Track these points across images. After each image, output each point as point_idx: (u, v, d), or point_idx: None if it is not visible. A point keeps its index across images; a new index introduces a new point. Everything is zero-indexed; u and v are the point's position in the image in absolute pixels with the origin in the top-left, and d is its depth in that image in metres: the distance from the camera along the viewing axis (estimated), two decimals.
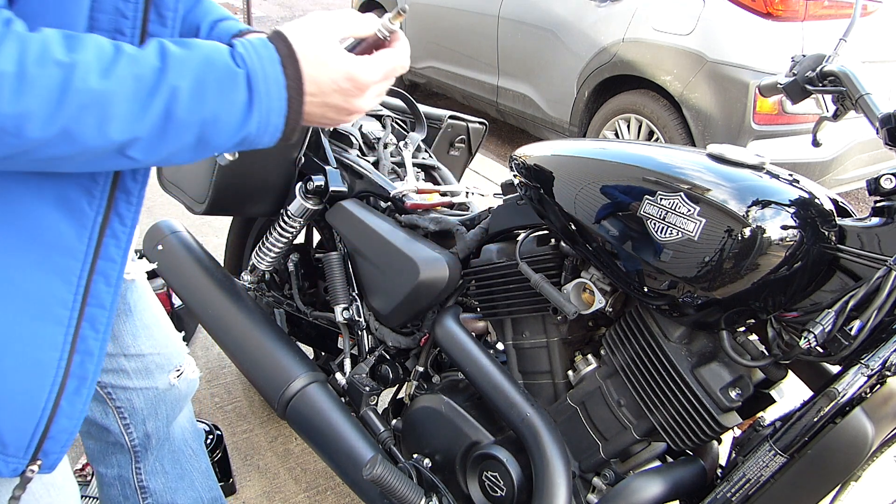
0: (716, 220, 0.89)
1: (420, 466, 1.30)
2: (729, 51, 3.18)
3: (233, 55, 0.63)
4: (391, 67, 0.72)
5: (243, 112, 0.63)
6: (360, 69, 0.68)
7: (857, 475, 0.88)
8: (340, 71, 0.67)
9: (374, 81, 0.70)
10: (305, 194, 1.53)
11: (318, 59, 0.67)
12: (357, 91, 0.69)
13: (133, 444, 1.17)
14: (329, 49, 0.67)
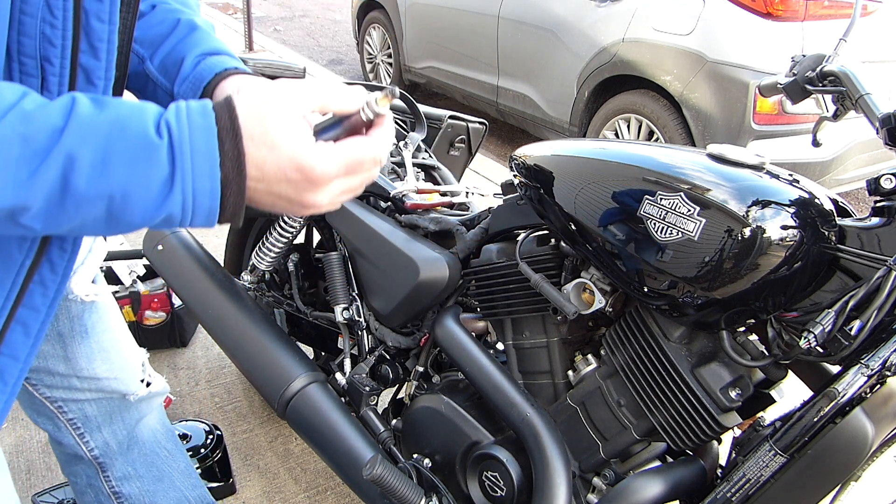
0: (716, 220, 0.89)
1: (420, 466, 1.30)
2: (729, 51, 3.19)
3: (157, 122, 0.53)
4: (356, 160, 0.59)
5: (162, 189, 0.53)
6: (312, 159, 0.56)
7: (857, 475, 0.88)
8: (288, 157, 0.56)
9: (331, 176, 0.57)
10: None
11: (266, 139, 0.55)
12: (308, 185, 0.57)
13: (93, 453, 1.15)
14: (283, 127, 0.56)
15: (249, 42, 6.08)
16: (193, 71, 0.79)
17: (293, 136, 0.56)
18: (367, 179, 0.63)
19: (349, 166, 0.59)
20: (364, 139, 0.60)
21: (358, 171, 0.60)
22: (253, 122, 0.55)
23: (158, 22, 0.83)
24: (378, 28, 5.63)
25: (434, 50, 4.95)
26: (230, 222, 0.58)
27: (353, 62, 6.75)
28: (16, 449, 1.87)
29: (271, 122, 0.55)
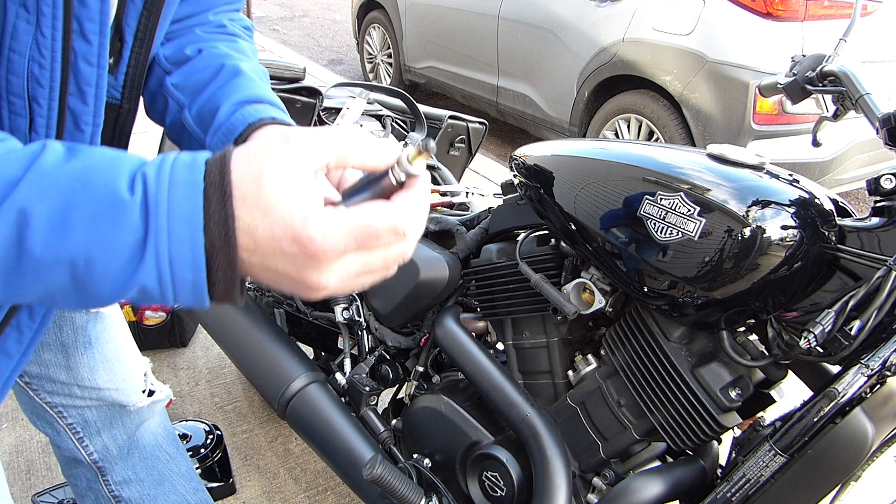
0: (716, 220, 0.89)
1: (420, 466, 1.30)
2: (729, 51, 3.19)
3: (133, 175, 0.44)
4: (367, 231, 0.45)
5: (131, 257, 0.44)
6: (312, 228, 0.44)
7: (857, 475, 0.88)
8: (283, 225, 0.44)
9: (336, 251, 0.45)
10: None
11: (260, 201, 0.44)
12: (309, 261, 0.45)
13: (92, 458, 1.14)
14: (281, 187, 0.44)
15: None
16: (228, 120, 0.70)
17: (292, 199, 0.44)
18: (394, 259, 0.49)
19: (359, 239, 0.45)
20: (380, 205, 0.47)
21: (372, 245, 0.46)
22: (248, 180, 0.44)
23: (202, 68, 0.76)
24: (378, 28, 5.63)
25: (434, 50, 4.95)
26: (227, 301, 0.47)
27: (353, 62, 6.75)
28: (16, 449, 1.87)
29: (268, 179, 0.44)
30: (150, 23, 0.67)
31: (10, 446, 1.87)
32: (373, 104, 1.83)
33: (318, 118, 1.61)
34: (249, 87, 0.73)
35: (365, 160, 0.49)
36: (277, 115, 0.70)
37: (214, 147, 0.71)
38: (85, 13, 0.56)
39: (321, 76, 5.59)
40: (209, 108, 0.72)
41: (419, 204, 0.49)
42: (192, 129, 0.75)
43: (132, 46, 0.68)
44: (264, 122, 0.68)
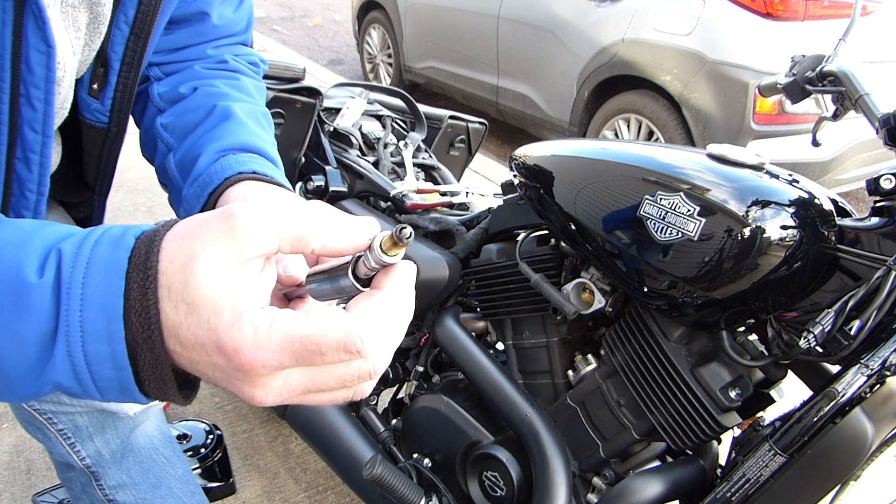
0: (716, 220, 0.89)
1: (420, 466, 1.30)
2: (729, 51, 3.19)
3: (48, 252, 0.37)
4: (309, 346, 0.36)
5: (41, 351, 0.37)
6: (239, 337, 0.36)
7: (856, 475, 0.88)
8: (208, 329, 0.36)
9: (269, 367, 0.36)
10: (306, 194, 1.53)
11: (185, 294, 0.36)
12: (238, 374, 0.37)
13: (84, 462, 1.12)
14: (212, 280, 0.36)
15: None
16: (206, 171, 0.63)
17: (220, 296, 0.36)
18: (353, 379, 0.39)
19: (298, 355, 0.36)
20: (329, 315, 0.37)
21: (316, 362, 0.37)
22: (175, 266, 0.36)
23: (194, 108, 0.71)
24: (378, 28, 5.63)
25: (434, 50, 4.95)
26: (168, 400, 0.40)
27: (353, 62, 6.75)
28: (16, 449, 1.87)
29: (197, 267, 0.36)
30: (139, 47, 0.66)
31: (10, 446, 1.87)
32: (373, 104, 1.83)
33: (319, 118, 1.61)
34: (237, 132, 0.67)
35: (328, 242, 0.38)
36: (260, 169, 0.63)
37: (190, 200, 0.64)
38: (31, 79, 0.55)
39: (321, 76, 5.59)
40: (191, 155, 0.66)
41: (386, 313, 0.38)
42: (174, 177, 0.69)
43: (119, 71, 0.67)
44: (243, 177, 0.61)
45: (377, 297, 0.39)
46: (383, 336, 0.39)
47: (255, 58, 0.84)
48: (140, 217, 2.96)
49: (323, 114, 1.68)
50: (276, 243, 0.37)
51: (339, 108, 1.70)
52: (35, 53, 0.54)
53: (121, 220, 2.78)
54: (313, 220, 0.38)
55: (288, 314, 0.37)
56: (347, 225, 0.39)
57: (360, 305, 0.38)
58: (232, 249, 0.36)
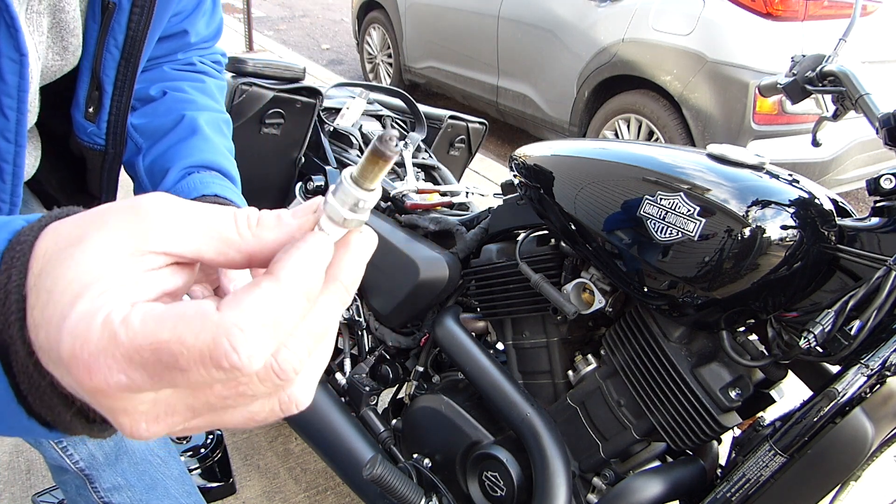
0: (716, 220, 0.89)
1: (420, 466, 1.30)
2: (729, 51, 3.19)
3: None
4: (167, 359, 0.26)
5: None
6: (79, 339, 0.27)
7: (857, 475, 0.88)
8: (55, 327, 0.28)
9: (113, 384, 0.27)
10: (305, 194, 1.53)
11: (49, 280, 0.29)
12: (85, 392, 0.28)
13: (78, 465, 1.11)
14: (86, 263, 0.28)
15: (249, 42, 6.09)
16: (173, 187, 0.68)
17: (86, 281, 0.28)
18: (241, 399, 0.29)
19: (151, 368, 0.27)
20: (194, 309, 0.27)
21: (175, 379, 0.27)
22: (59, 246, 0.29)
23: (163, 113, 0.76)
24: (378, 28, 5.63)
25: (434, 50, 4.95)
26: (71, 432, 0.32)
27: (353, 62, 6.75)
28: (16, 449, 1.87)
29: (78, 249, 0.29)
30: (129, 71, 0.67)
31: (10, 446, 1.87)
32: (373, 104, 1.83)
33: (319, 118, 1.61)
34: (202, 149, 0.71)
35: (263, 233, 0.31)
36: (221, 192, 0.67)
37: None
38: (3, 88, 0.55)
39: (321, 76, 5.59)
40: (160, 167, 0.71)
41: (281, 310, 0.27)
42: (143, 181, 0.74)
43: (112, 95, 0.68)
44: (206, 200, 0.64)
45: (264, 287, 0.28)
46: (276, 343, 0.28)
47: (218, 55, 0.88)
48: None
49: (323, 114, 1.68)
50: (193, 244, 0.30)
51: (339, 108, 1.70)
52: (7, 62, 0.54)
53: None
54: (226, 225, 0.31)
55: (150, 309, 0.27)
56: (286, 212, 0.32)
57: (236, 298, 0.27)
58: (131, 235, 0.29)
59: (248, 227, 0.31)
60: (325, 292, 0.30)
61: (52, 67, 0.64)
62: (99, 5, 0.63)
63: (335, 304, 0.30)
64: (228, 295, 0.28)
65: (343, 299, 0.31)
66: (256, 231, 0.31)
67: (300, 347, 0.29)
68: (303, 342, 0.29)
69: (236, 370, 0.26)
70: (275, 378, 0.28)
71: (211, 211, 0.31)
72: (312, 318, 0.29)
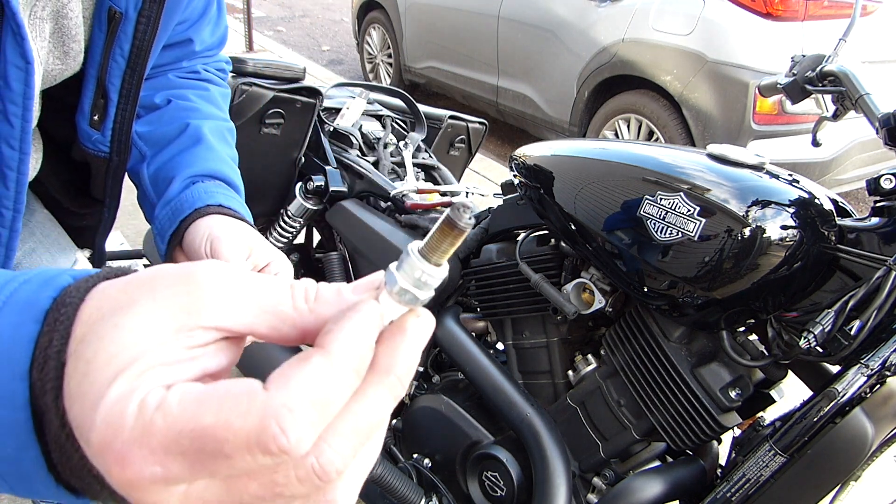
0: (716, 220, 0.89)
1: (420, 466, 1.30)
2: (729, 51, 3.19)
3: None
4: (211, 447, 0.24)
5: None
6: (113, 425, 0.25)
7: (857, 475, 0.88)
8: (88, 406, 0.26)
9: (148, 476, 0.25)
10: (305, 194, 1.53)
11: (89, 349, 0.26)
12: (114, 478, 0.26)
13: None
14: (129, 335, 0.26)
15: (249, 42, 6.09)
16: (177, 197, 0.69)
17: (127, 357, 0.26)
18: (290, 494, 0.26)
19: (192, 457, 0.25)
20: (238, 391, 0.25)
21: (218, 468, 0.25)
22: (103, 312, 0.27)
23: (168, 121, 0.76)
24: (378, 28, 5.63)
25: (434, 50, 4.95)
26: (89, 496, 0.29)
27: (353, 62, 6.75)
28: None
29: (124, 318, 0.27)
30: (135, 80, 0.68)
31: None
32: (373, 104, 1.83)
33: (319, 118, 1.61)
34: (206, 158, 0.72)
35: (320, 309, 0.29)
36: (225, 202, 0.68)
37: (162, 222, 0.69)
38: (8, 95, 0.55)
39: (321, 76, 5.59)
40: (164, 176, 0.71)
41: (333, 389, 0.26)
42: (147, 189, 0.74)
43: (117, 104, 0.68)
44: (210, 209, 0.66)
45: (314, 362, 0.26)
46: (324, 423, 0.25)
47: (222, 62, 0.89)
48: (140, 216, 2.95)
49: (323, 114, 1.68)
50: (245, 319, 0.28)
51: (339, 108, 1.70)
52: (13, 69, 0.54)
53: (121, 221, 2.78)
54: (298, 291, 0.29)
55: (189, 390, 0.25)
56: (346, 287, 0.29)
57: (284, 375, 0.25)
58: (181, 308, 0.27)
59: (306, 302, 0.29)
60: (375, 384, 0.27)
61: (53, 72, 0.64)
62: (105, 14, 0.63)
63: (386, 399, 0.28)
64: (275, 371, 0.26)
65: (396, 394, 0.28)
66: (314, 306, 0.29)
67: (344, 445, 0.26)
68: (348, 440, 0.26)
69: (285, 454, 0.24)
70: (315, 479, 0.25)
71: (266, 284, 0.29)
72: (360, 413, 0.27)
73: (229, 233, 0.64)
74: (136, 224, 2.79)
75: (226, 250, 0.61)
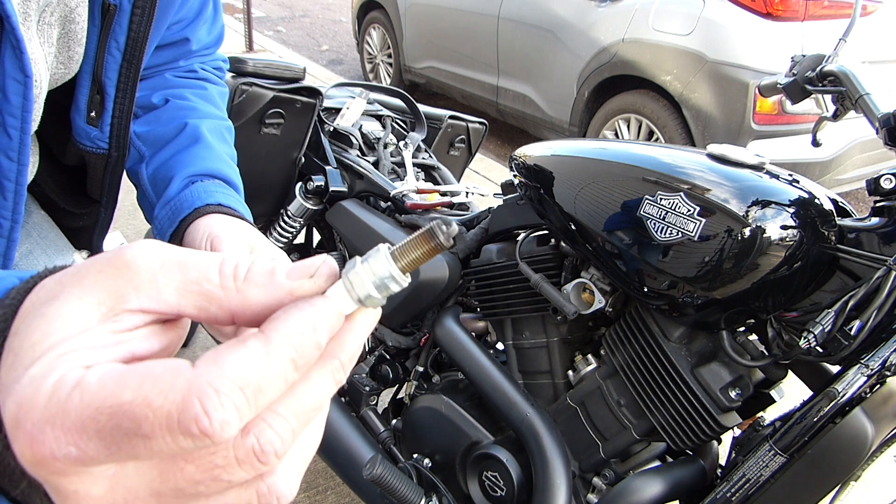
0: (716, 220, 0.89)
1: (420, 466, 1.30)
2: (729, 51, 3.19)
3: None
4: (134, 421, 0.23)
5: None
6: (25, 405, 0.24)
7: (856, 475, 0.88)
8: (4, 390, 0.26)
9: (63, 457, 0.24)
10: (305, 194, 1.53)
11: (16, 339, 0.27)
12: (31, 467, 0.25)
13: None
14: (53, 322, 0.26)
15: (249, 42, 6.09)
16: (176, 197, 0.68)
17: (49, 343, 0.25)
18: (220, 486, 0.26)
19: (108, 436, 0.23)
20: (162, 368, 0.25)
21: (136, 449, 0.24)
22: (36, 304, 0.27)
23: (166, 121, 0.76)
24: (378, 28, 5.63)
25: (434, 50, 4.95)
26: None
27: (353, 62, 6.75)
28: None
29: (51, 307, 0.26)
30: (132, 73, 0.67)
31: None
32: (373, 104, 1.83)
33: (319, 118, 1.62)
34: (205, 157, 0.71)
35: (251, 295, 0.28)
36: (225, 201, 0.67)
37: (162, 221, 0.69)
38: (6, 108, 0.55)
39: (321, 76, 5.59)
40: (163, 176, 0.71)
41: (266, 374, 0.25)
42: (146, 189, 0.73)
43: (115, 98, 0.68)
44: (209, 208, 0.65)
45: (250, 345, 0.25)
46: (254, 412, 0.24)
47: (219, 61, 0.89)
48: (140, 216, 2.96)
49: (323, 114, 1.68)
50: (172, 300, 0.27)
51: (339, 108, 1.70)
52: (12, 83, 0.54)
53: (120, 221, 2.78)
54: (234, 266, 0.28)
55: (111, 369, 0.24)
56: (281, 268, 0.28)
57: (216, 354, 0.25)
58: (107, 292, 0.27)
59: (234, 280, 0.27)
60: (318, 367, 0.27)
61: (56, 76, 0.65)
62: (99, 8, 0.63)
63: (328, 383, 0.27)
64: (208, 351, 0.25)
65: (338, 378, 0.28)
66: (242, 286, 0.27)
67: (285, 428, 0.25)
68: (288, 422, 0.26)
69: (206, 438, 0.23)
70: (255, 460, 0.25)
71: (195, 260, 0.27)
72: (301, 395, 0.26)
73: (229, 231, 0.62)
74: (136, 224, 2.79)
75: (226, 249, 0.60)
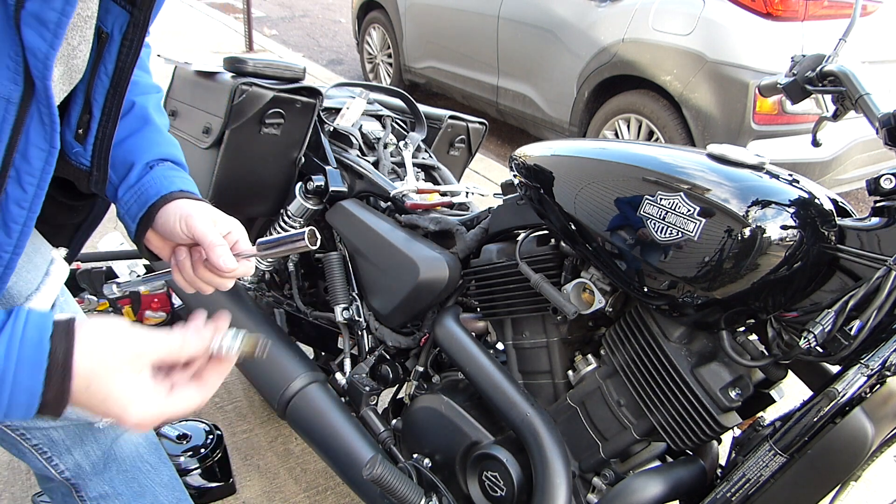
0: (716, 219, 0.89)
1: (420, 466, 1.30)
2: (729, 51, 3.19)
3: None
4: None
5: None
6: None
7: (856, 475, 0.88)
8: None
9: None
10: (305, 194, 1.53)
11: (98, 392, 0.57)
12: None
13: (64, 475, 1.07)
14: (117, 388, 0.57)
15: (249, 42, 6.09)
16: (139, 182, 0.80)
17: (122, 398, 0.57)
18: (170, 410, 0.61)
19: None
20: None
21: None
22: (91, 371, 0.56)
23: None
24: (378, 28, 5.63)
25: (434, 50, 4.95)
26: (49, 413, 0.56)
27: (353, 62, 6.75)
28: None
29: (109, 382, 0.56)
30: (116, 99, 0.71)
31: None
32: (373, 104, 1.83)
33: (319, 118, 1.61)
34: (158, 142, 0.82)
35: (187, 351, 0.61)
36: (184, 186, 0.80)
37: (128, 203, 0.80)
38: (26, 168, 0.60)
39: (321, 76, 5.59)
40: (122, 159, 0.80)
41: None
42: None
43: (99, 120, 0.71)
44: (174, 195, 0.78)
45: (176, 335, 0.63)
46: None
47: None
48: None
49: (323, 114, 1.68)
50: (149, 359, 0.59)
51: (339, 108, 1.70)
52: (35, 150, 0.59)
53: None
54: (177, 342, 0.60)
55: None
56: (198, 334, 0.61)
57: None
58: (129, 362, 0.57)
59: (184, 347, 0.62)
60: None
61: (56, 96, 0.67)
62: (96, 33, 0.66)
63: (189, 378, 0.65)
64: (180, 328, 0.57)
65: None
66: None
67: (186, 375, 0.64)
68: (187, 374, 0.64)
69: None
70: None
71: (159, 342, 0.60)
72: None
73: (197, 210, 0.76)
74: None
75: (199, 224, 0.74)
